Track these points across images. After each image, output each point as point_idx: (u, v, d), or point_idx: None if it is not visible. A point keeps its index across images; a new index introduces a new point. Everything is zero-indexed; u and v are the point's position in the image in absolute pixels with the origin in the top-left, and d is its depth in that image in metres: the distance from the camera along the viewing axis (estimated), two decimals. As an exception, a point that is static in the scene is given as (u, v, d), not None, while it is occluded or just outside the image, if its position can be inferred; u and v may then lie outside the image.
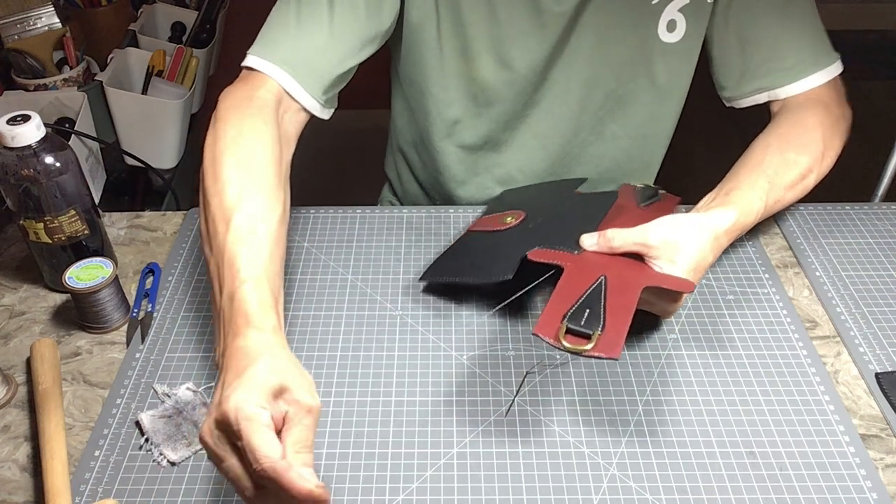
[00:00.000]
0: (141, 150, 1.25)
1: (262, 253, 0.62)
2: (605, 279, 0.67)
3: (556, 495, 0.61)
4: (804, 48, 0.88)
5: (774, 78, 0.88)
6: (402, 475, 0.63)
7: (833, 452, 0.64)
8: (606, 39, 0.89)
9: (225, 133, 0.70)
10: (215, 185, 0.66)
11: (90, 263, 0.76)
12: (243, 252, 0.60)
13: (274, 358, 0.53)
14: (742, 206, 0.74)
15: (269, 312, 0.57)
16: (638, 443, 0.65)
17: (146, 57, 1.31)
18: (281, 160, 0.71)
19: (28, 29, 1.16)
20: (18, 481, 0.63)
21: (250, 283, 0.58)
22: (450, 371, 0.72)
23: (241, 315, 0.56)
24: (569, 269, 0.69)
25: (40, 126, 0.72)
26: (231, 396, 0.49)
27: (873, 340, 0.75)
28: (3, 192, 0.75)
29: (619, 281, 0.67)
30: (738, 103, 0.93)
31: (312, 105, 0.79)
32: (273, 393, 0.51)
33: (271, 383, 0.51)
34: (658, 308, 0.72)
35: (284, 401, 0.51)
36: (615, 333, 0.62)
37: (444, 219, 0.92)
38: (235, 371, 0.52)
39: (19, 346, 0.76)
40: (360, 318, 0.78)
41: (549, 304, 0.65)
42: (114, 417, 0.68)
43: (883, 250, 0.86)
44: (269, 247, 0.63)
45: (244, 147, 0.69)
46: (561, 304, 0.65)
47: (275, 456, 0.47)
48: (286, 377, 0.52)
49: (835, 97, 0.89)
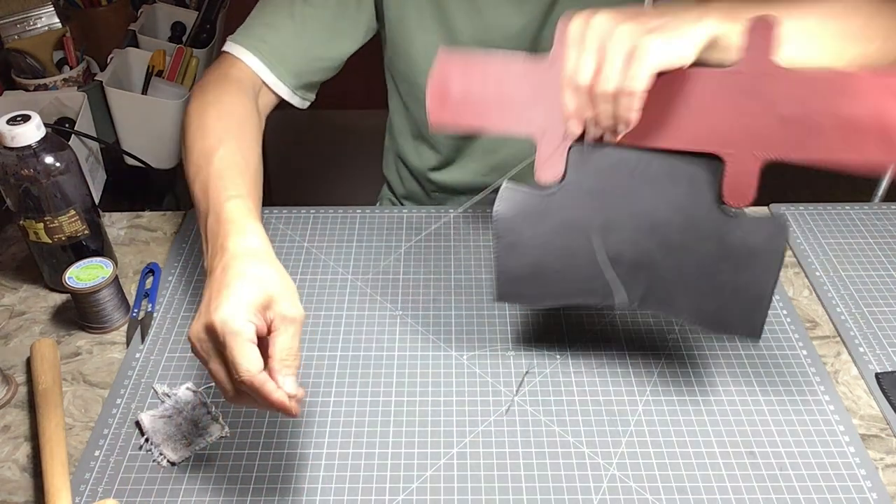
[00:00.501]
0: (141, 150, 1.25)
1: (245, 178, 0.68)
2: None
3: (556, 495, 0.61)
4: None
5: None
6: (402, 475, 0.63)
7: (833, 452, 0.64)
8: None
9: (204, 95, 0.78)
10: (199, 131, 0.73)
11: (90, 263, 0.76)
12: (227, 175, 0.67)
13: (260, 268, 0.57)
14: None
15: (255, 222, 0.62)
16: (638, 443, 0.65)
17: (146, 57, 1.31)
18: (258, 123, 0.80)
19: (28, 29, 1.16)
20: (18, 481, 0.63)
21: (236, 200, 0.63)
22: (450, 371, 0.72)
23: (228, 224, 0.61)
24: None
25: (40, 126, 0.72)
26: (219, 309, 0.53)
27: (873, 340, 0.75)
28: (3, 192, 0.75)
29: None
30: None
31: (279, 87, 0.85)
32: (259, 308, 0.54)
33: (258, 298, 0.54)
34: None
35: (271, 311, 0.55)
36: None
37: (444, 219, 0.92)
38: (224, 282, 0.55)
39: (19, 346, 0.76)
40: (360, 318, 0.78)
41: None
42: (114, 417, 0.68)
43: (883, 250, 0.86)
44: (252, 176, 0.69)
45: (225, 104, 0.77)
46: None
47: (254, 370, 0.52)
48: (272, 289, 0.55)
49: None
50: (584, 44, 0.58)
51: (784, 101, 0.58)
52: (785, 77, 0.58)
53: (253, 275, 0.56)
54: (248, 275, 0.56)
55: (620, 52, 0.57)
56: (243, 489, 0.62)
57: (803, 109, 0.58)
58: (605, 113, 0.60)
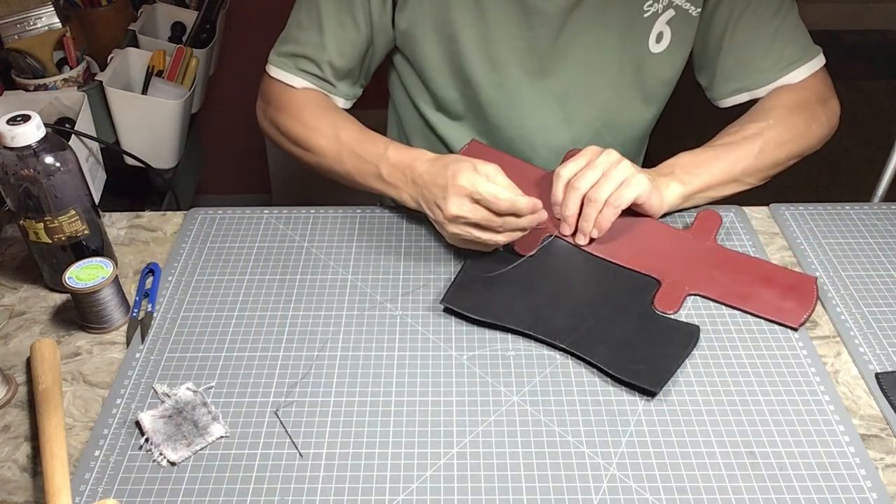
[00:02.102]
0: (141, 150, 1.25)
1: (374, 135, 0.87)
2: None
3: (556, 495, 0.61)
4: (780, 48, 0.91)
5: (752, 79, 0.93)
6: (402, 475, 0.63)
7: (833, 452, 0.64)
8: (597, 44, 0.90)
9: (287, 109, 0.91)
10: (311, 132, 0.89)
11: (90, 263, 0.76)
12: (365, 139, 0.86)
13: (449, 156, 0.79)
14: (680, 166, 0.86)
15: (414, 150, 0.83)
16: (638, 443, 0.65)
17: (146, 57, 1.31)
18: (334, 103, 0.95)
19: (28, 29, 1.16)
20: (18, 481, 0.63)
21: (391, 146, 0.84)
22: (450, 371, 0.72)
23: (408, 155, 0.82)
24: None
25: (40, 126, 0.72)
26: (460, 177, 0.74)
27: (873, 340, 0.75)
28: (3, 192, 0.75)
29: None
30: (721, 103, 0.97)
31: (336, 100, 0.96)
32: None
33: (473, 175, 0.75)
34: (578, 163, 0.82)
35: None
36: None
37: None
38: (443, 171, 0.77)
39: (19, 346, 0.76)
40: (360, 318, 0.78)
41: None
42: (114, 417, 0.68)
43: (883, 250, 0.86)
44: (373, 133, 0.88)
45: (310, 102, 0.91)
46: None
47: (509, 196, 0.73)
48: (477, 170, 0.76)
49: (816, 91, 0.92)
50: (594, 164, 0.80)
51: (716, 266, 0.81)
52: (720, 251, 0.83)
53: (453, 158, 0.78)
54: (451, 159, 0.78)
55: (618, 177, 0.79)
56: (243, 489, 0.62)
57: (729, 276, 0.80)
58: (588, 216, 0.80)
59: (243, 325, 0.77)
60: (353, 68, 0.94)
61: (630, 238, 0.83)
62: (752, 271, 0.80)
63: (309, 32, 0.90)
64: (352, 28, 0.89)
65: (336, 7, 0.88)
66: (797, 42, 0.92)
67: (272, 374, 0.72)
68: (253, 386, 0.70)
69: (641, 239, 0.84)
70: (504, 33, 0.88)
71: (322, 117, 0.89)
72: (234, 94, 1.83)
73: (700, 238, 0.84)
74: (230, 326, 0.77)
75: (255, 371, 0.72)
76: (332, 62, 0.91)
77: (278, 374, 0.72)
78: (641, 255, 0.82)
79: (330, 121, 0.89)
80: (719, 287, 0.79)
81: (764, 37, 0.90)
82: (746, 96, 0.94)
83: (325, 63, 0.91)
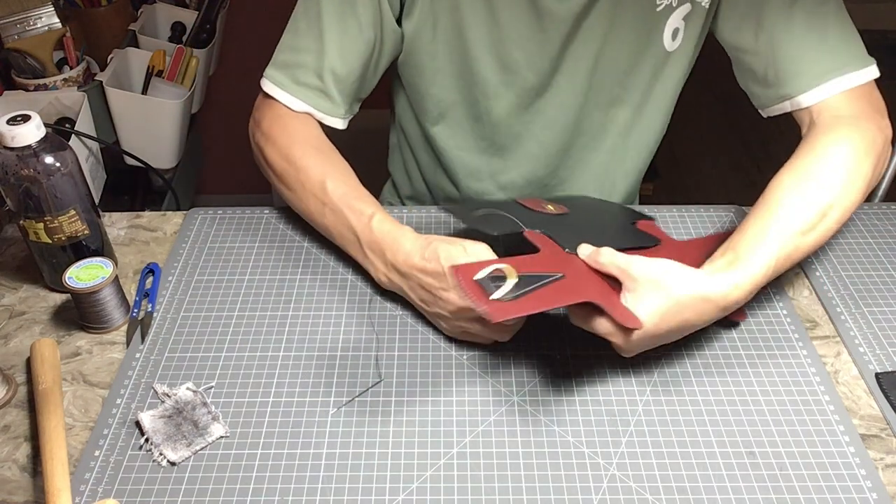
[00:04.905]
0: (141, 150, 1.25)
1: (364, 193, 0.80)
2: (561, 277, 0.65)
3: (556, 495, 0.61)
4: (826, 52, 0.82)
5: (793, 85, 0.83)
6: (402, 475, 0.63)
7: (833, 452, 0.65)
8: (611, 45, 0.89)
9: (277, 140, 0.86)
10: (298, 173, 0.83)
11: (90, 263, 0.76)
12: (353, 198, 0.79)
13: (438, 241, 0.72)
14: (748, 271, 0.68)
15: (401, 227, 0.76)
16: (638, 443, 0.65)
17: (146, 57, 1.31)
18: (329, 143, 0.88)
19: (28, 29, 1.16)
20: (18, 481, 0.63)
21: (378, 214, 0.77)
22: (450, 371, 0.72)
23: (390, 232, 0.75)
24: (542, 253, 0.69)
25: (40, 126, 0.72)
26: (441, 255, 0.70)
27: (873, 340, 0.75)
28: (3, 192, 0.75)
29: (572, 284, 0.65)
30: (766, 111, 0.89)
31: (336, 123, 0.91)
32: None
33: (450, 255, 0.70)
34: (614, 341, 0.67)
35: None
36: (512, 307, 0.61)
37: (444, 219, 0.92)
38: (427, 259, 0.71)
39: (19, 346, 0.76)
40: (359, 317, 0.78)
41: (491, 261, 0.66)
42: (114, 417, 0.68)
43: (883, 250, 0.86)
44: (359, 185, 0.81)
45: (300, 136, 0.86)
46: (498, 264, 0.65)
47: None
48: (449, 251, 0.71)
49: (866, 108, 0.82)
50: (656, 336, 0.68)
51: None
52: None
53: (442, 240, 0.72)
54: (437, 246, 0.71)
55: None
56: (243, 489, 0.62)
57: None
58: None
59: (243, 325, 0.77)
60: (356, 77, 0.88)
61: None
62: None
63: (308, 39, 0.86)
64: (355, 32, 0.85)
65: (338, 11, 0.84)
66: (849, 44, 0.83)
67: (272, 374, 0.72)
68: (253, 386, 0.70)
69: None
70: (515, 34, 0.87)
71: (311, 157, 0.83)
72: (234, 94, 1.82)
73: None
74: (230, 326, 0.77)
75: (255, 371, 0.72)
76: (334, 69, 0.86)
77: (278, 374, 0.72)
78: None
79: (319, 165, 0.82)
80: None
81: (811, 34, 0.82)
82: (788, 105, 0.85)
83: (326, 71, 0.86)
